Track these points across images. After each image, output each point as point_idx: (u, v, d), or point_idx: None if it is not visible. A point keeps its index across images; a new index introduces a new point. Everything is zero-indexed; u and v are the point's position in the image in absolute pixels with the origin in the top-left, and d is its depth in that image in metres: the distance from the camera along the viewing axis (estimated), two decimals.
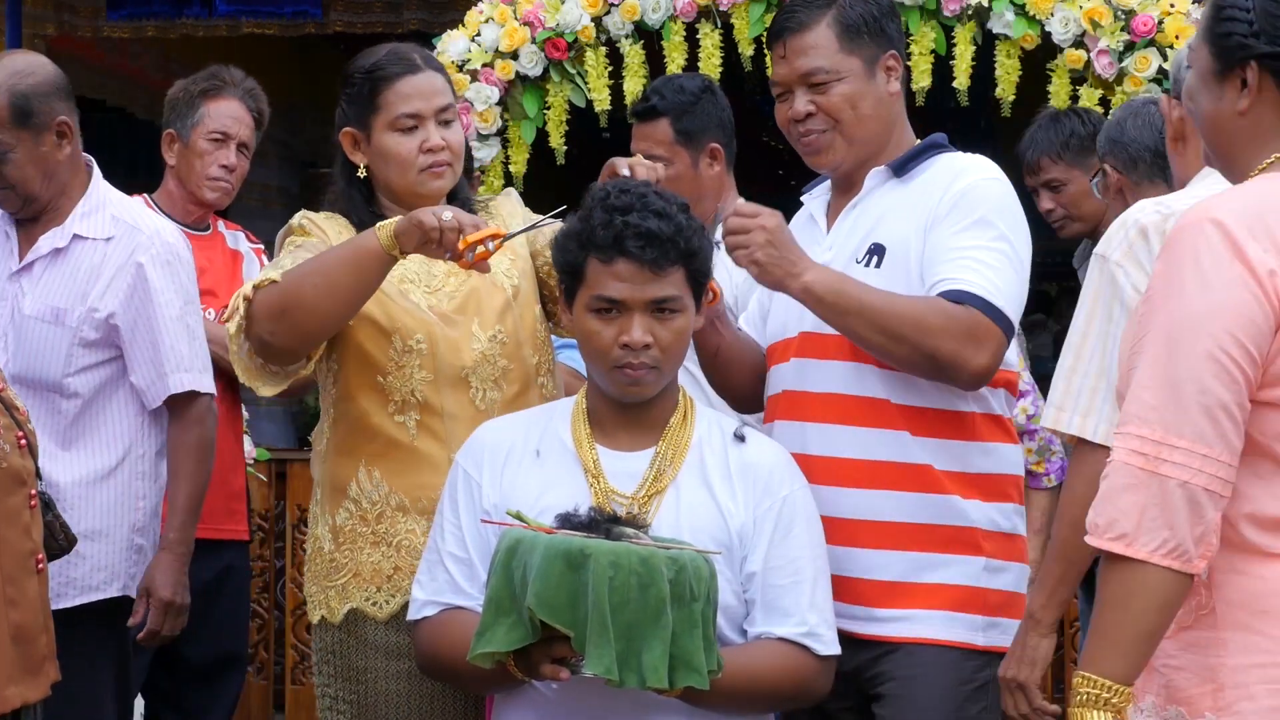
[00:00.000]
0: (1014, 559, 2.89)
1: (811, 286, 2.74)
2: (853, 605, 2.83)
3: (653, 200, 2.71)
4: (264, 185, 8.89)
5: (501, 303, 3.04)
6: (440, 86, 3.07)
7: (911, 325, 2.71)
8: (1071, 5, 5.07)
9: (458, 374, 2.99)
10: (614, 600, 2.46)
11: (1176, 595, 2.08)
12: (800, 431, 2.88)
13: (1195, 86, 2.27)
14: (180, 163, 4.30)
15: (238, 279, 4.38)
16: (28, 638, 2.71)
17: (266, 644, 6.08)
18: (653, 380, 2.73)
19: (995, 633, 2.84)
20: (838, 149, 2.89)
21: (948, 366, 2.72)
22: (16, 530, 2.72)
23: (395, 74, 3.04)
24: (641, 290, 2.69)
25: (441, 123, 3.04)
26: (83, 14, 6.87)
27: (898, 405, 2.82)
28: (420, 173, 3.02)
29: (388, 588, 2.98)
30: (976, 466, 2.84)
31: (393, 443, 2.98)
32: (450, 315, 3.02)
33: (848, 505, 2.83)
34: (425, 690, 2.95)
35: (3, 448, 2.69)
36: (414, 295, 3.02)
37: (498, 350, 3.01)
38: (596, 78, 5.41)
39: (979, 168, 2.89)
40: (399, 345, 2.97)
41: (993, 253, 2.76)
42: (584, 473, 2.75)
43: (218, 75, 4.35)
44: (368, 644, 2.98)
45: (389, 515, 2.98)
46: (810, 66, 2.87)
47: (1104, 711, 2.07)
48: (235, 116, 4.30)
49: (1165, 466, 2.05)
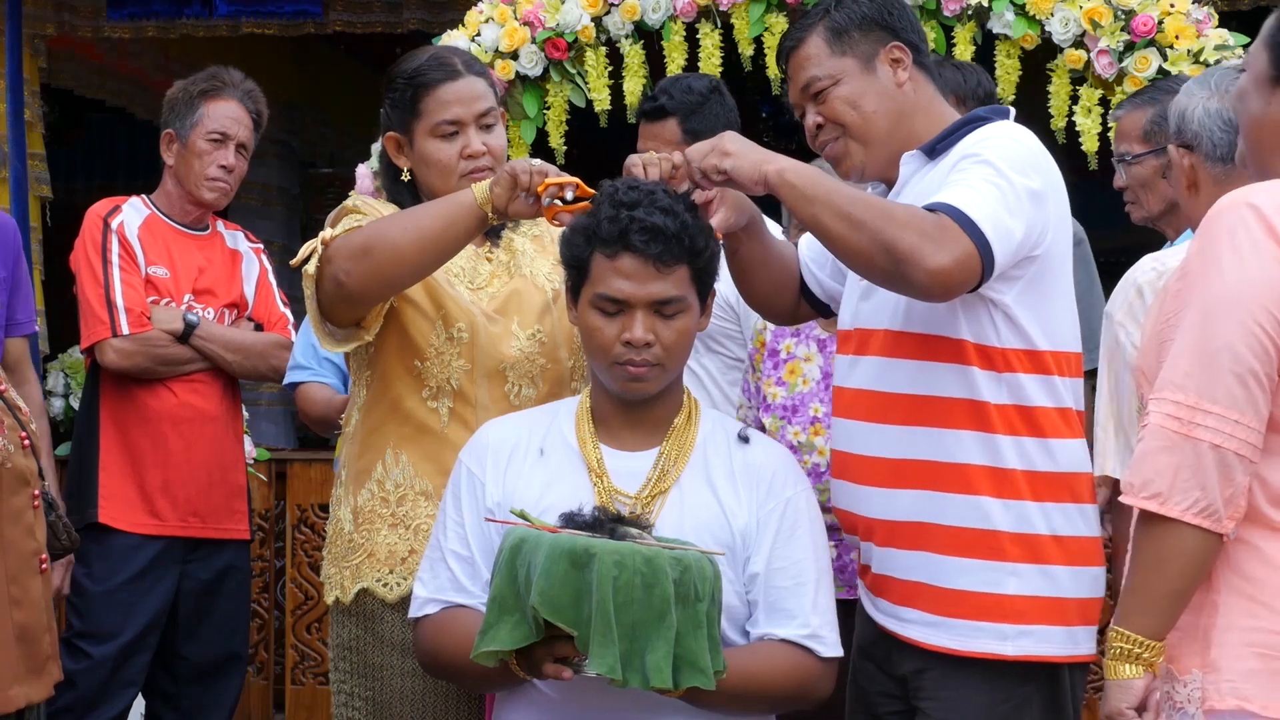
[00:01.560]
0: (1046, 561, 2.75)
1: (786, 172, 2.68)
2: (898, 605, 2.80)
3: (660, 197, 2.72)
4: (264, 185, 8.89)
5: (541, 304, 3.07)
6: (481, 91, 3.09)
7: (876, 213, 2.60)
8: (1071, 5, 5.07)
9: (495, 367, 3.01)
10: (618, 600, 2.47)
11: (1207, 554, 2.22)
12: (843, 430, 2.87)
13: (1247, 88, 2.38)
14: (179, 163, 4.31)
15: (237, 279, 4.39)
16: (31, 637, 2.71)
17: (266, 644, 6.08)
18: (654, 378, 2.73)
19: (1026, 641, 2.72)
20: (854, 154, 2.86)
21: (904, 260, 2.55)
22: (20, 530, 2.72)
23: (436, 80, 3.07)
24: (645, 288, 2.69)
25: (482, 127, 3.08)
26: (83, 14, 6.86)
27: (928, 398, 2.74)
28: (461, 178, 3.04)
29: (400, 570, 2.99)
30: (1011, 463, 2.73)
31: (423, 428, 3.01)
32: (491, 314, 3.04)
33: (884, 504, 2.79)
34: (440, 689, 2.96)
35: (6, 448, 2.70)
36: (457, 287, 3.05)
37: (536, 349, 3.04)
38: (596, 78, 5.41)
39: (1005, 128, 2.81)
40: (441, 332, 3.00)
41: (986, 184, 2.65)
42: (588, 472, 2.75)
43: (217, 76, 4.36)
44: (384, 640, 2.99)
45: (411, 499, 3.00)
46: (806, 79, 2.86)
47: (1136, 665, 2.27)
48: (234, 117, 4.31)
49: (1199, 430, 2.20)
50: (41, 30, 6.72)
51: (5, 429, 2.70)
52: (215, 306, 4.32)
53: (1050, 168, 2.77)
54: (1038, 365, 2.76)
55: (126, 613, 4.14)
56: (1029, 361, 2.75)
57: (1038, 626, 2.74)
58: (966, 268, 2.58)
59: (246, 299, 4.39)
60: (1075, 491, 2.78)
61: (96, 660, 4.11)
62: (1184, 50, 4.99)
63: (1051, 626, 2.75)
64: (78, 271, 4.22)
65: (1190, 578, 2.24)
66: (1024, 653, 2.73)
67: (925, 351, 2.75)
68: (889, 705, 2.88)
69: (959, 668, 2.75)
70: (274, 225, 8.99)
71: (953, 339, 2.74)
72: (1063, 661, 2.77)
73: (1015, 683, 2.75)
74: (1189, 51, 4.99)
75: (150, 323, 4.17)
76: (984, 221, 2.59)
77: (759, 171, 2.69)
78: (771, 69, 5.36)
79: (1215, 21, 5.09)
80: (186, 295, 4.27)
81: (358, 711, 3.02)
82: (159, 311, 4.20)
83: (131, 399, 4.19)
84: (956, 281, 2.59)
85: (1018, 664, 2.73)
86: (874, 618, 2.86)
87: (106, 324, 4.14)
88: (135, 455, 4.19)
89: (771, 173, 2.68)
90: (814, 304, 3.06)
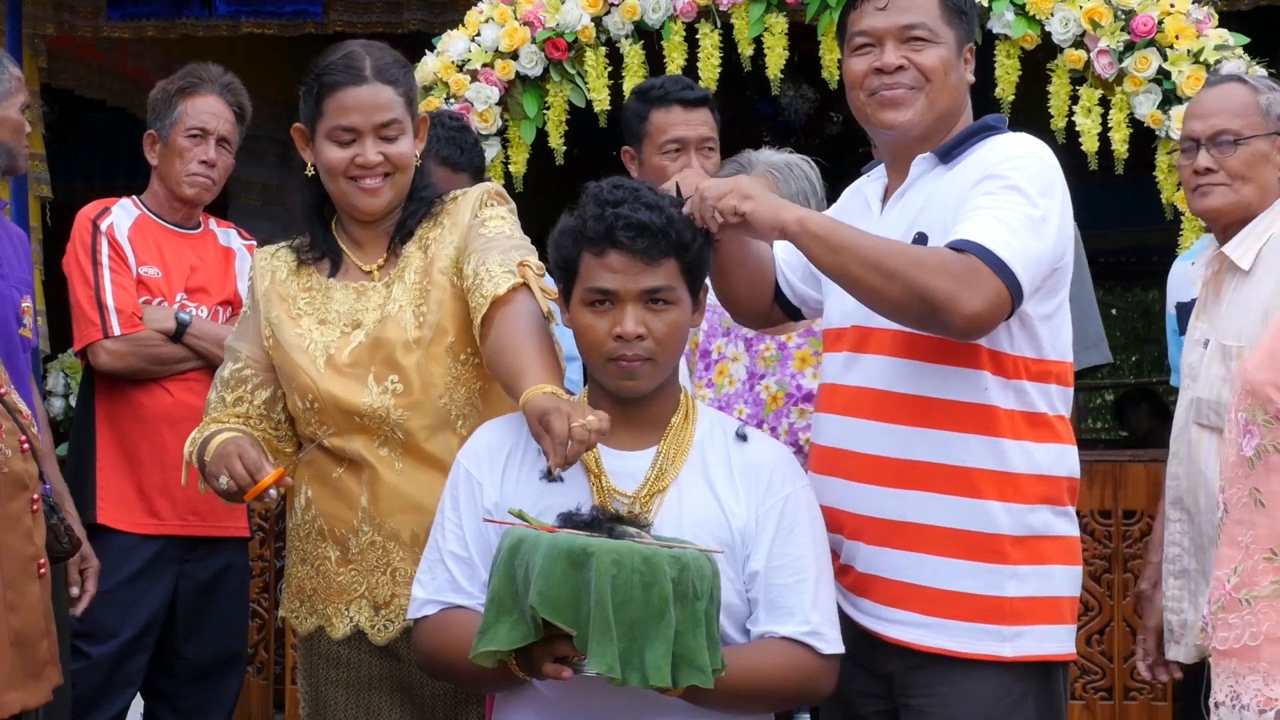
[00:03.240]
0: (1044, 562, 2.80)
1: (805, 221, 2.69)
2: (885, 606, 2.81)
3: (645, 194, 2.73)
4: (264, 185, 8.89)
5: (402, 348, 3.00)
6: (385, 100, 3.01)
7: (907, 262, 2.62)
8: (1071, 5, 5.07)
9: (354, 423, 3.01)
10: (616, 599, 2.46)
11: None
12: (840, 426, 2.87)
13: None
14: (162, 162, 4.31)
15: (230, 276, 4.38)
16: (28, 642, 2.70)
17: (266, 644, 6.07)
18: (647, 372, 2.73)
19: (1024, 641, 2.77)
20: (919, 107, 2.84)
21: (941, 308, 2.59)
22: (18, 535, 2.72)
23: (339, 83, 3.01)
24: (633, 280, 2.69)
25: (383, 138, 3.01)
26: (83, 14, 6.86)
27: (936, 401, 2.76)
28: (348, 182, 3.03)
29: (306, 606, 3.10)
30: (1015, 466, 2.77)
31: (322, 472, 3.06)
32: (345, 367, 3.02)
33: (881, 504, 2.80)
34: (362, 701, 3.04)
35: (4, 451, 2.69)
36: (310, 339, 3.05)
37: (390, 401, 3.00)
38: (596, 78, 5.41)
39: (1024, 144, 2.82)
40: (299, 403, 3.05)
41: (1014, 214, 2.67)
42: (586, 471, 2.75)
43: (194, 73, 4.35)
44: (315, 650, 3.10)
45: (313, 537, 3.09)
46: (914, 20, 2.84)
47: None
48: (213, 111, 4.30)
49: None
50: (41, 30, 6.72)
51: (4, 433, 2.70)
52: (209, 305, 4.31)
53: (1062, 179, 2.80)
54: (1043, 373, 2.81)
55: (125, 612, 4.14)
56: (1036, 369, 2.80)
57: (1037, 627, 2.78)
58: (999, 308, 2.63)
59: (240, 296, 4.39)
60: (1071, 494, 2.85)
61: (95, 660, 4.11)
62: (1184, 50, 4.99)
63: (1049, 626, 2.80)
64: (69, 274, 4.22)
65: None
66: (1022, 653, 2.77)
67: (939, 354, 2.76)
68: (871, 705, 2.88)
69: (955, 665, 2.77)
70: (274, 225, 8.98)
71: (968, 344, 2.75)
72: (1059, 660, 2.83)
73: (1013, 678, 2.77)
74: (1189, 51, 4.99)
75: (142, 323, 4.16)
76: (1014, 261, 2.62)
77: (777, 219, 2.70)
78: (772, 69, 5.36)
79: (1215, 21, 5.09)
80: (179, 294, 4.27)
81: (305, 715, 3.13)
82: (150, 311, 4.20)
83: (127, 399, 4.19)
84: (990, 323, 2.65)
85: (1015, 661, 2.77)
86: (855, 619, 2.85)
87: (98, 325, 4.14)
88: (132, 455, 4.19)
89: (790, 221, 2.69)
90: (786, 308, 3.07)
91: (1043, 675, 2.81)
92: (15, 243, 3.95)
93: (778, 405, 3.69)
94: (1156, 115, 5.02)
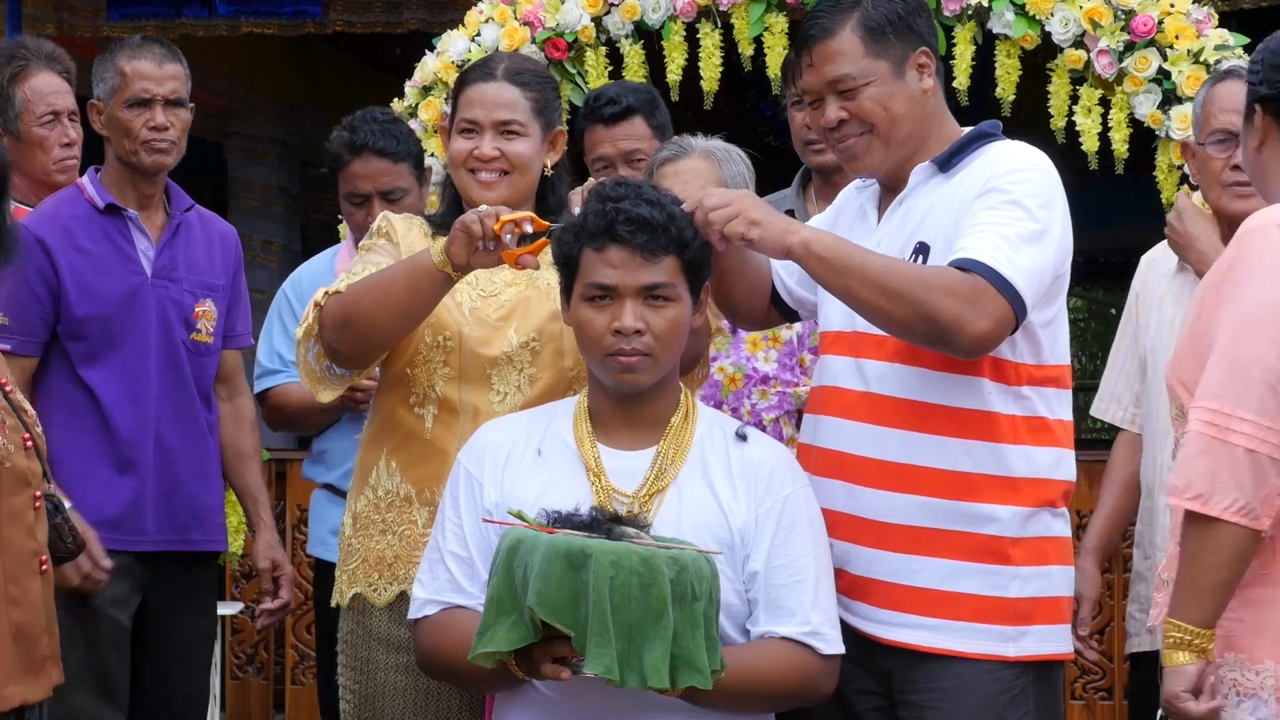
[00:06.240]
0: (1045, 563, 2.82)
1: (811, 243, 2.70)
2: (883, 609, 2.81)
3: (647, 191, 2.74)
4: (264, 185, 8.90)
5: (548, 313, 3.05)
6: (508, 99, 3.08)
7: (913, 284, 2.65)
8: (1071, 5, 5.07)
9: (481, 372, 3.02)
10: (615, 600, 2.47)
11: (1247, 549, 2.43)
12: (840, 429, 2.87)
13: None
14: (21, 158, 3.98)
15: None
16: (29, 637, 2.71)
17: (266, 644, 6.08)
18: (646, 368, 2.73)
19: (1027, 641, 2.78)
20: (875, 152, 2.84)
21: (948, 329, 2.62)
22: (20, 530, 2.72)
23: (471, 79, 3.12)
24: (633, 276, 2.70)
25: (503, 134, 3.07)
26: (83, 14, 6.87)
27: (938, 407, 2.77)
28: (466, 174, 3.08)
29: (387, 575, 3.04)
30: (1016, 471, 2.78)
31: (411, 434, 3.04)
32: (490, 319, 3.05)
33: (881, 507, 2.80)
34: (422, 685, 2.99)
35: (7, 448, 2.69)
36: (462, 295, 3.06)
37: (527, 356, 3.03)
38: (596, 78, 5.41)
39: (1024, 155, 2.81)
40: (429, 339, 3.02)
41: (1017, 230, 2.68)
42: (585, 471, 2.75)
43: (17, 55, 4.04)
44: (371, 635, 3.04)
45: (398, 505, 3.04)
46: (838, 74, 2.82)
47: (1189, 652, 2.45)
48: (55, 89, 4.05)
49: (1233, 436, 2.40)
50: (41, 30, 6.73)
51: (6, 429, 2.70)
52: None
53: (1062, 189, 2.81)
54: (1043, 377, 2.82)
55: None
56: (1036, 374, 2.81)
57: (1040, 626, 2.80)
58: (1004, 327, 2.67)
59: None
60: (1066, 497, 2.87)
61: None
62: (1184, 50, 4.99)
63: (1051, 626, 2.82)
64: None
65: (1233, 570, 2.43)
66: (1025, 653, 2.79)
67: (940, 361, 2.76)
68: (867, 702, 2.87)
69: (956, 661, 2.77)
70: (274, 225, 9.00)
71: None
72: (1058, 659, 2.85)
73: (1014, 674, 2.79)
74: (1189, 51, 4.99)
75: None
76: (1017, 278, 2.65)
77: (783, 243, 2.72)
78: (772, 69, 5.36)
79: (1215, 21, 5.09)
80: None
81: (349, 705, 3.07)
82: None
83: None
84: (995, 341, 2.69)
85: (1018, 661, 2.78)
86: (851, 624, 2.83)
87: None
88: None
89: (796, 244, 2.71)
90: (783, 310, 3.08)
91: (1043, 673, 2.82)
92: (214, 242, 3.88)
93: (736, 386, 3.74)
94: (1156, 115, 5.02)
